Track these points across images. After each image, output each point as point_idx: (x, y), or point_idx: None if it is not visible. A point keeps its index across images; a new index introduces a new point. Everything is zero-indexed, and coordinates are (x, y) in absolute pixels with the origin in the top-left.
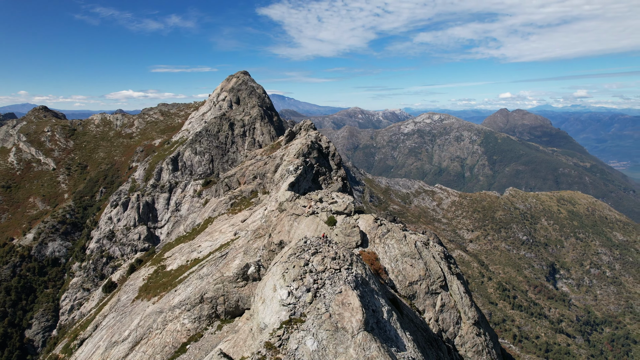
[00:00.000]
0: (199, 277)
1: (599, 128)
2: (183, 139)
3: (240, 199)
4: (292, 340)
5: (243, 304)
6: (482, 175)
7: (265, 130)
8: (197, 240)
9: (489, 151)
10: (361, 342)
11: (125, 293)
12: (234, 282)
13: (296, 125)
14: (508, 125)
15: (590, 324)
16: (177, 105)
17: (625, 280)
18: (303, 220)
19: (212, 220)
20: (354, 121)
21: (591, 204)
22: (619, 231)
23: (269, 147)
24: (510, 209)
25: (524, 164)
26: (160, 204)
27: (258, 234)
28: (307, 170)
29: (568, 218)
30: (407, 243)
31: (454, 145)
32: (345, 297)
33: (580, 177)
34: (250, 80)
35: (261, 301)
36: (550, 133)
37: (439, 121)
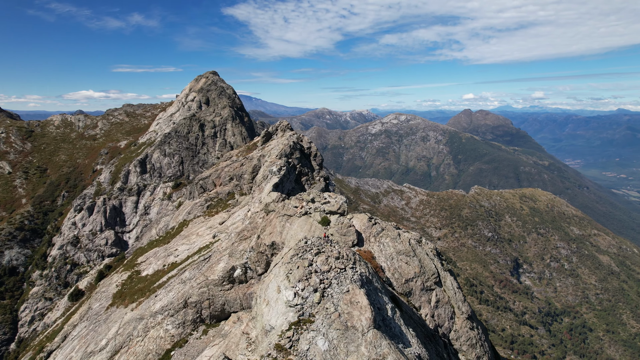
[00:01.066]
0: (181, 282)
1: (555, 128)
2: (151, 141)
3: (217, 201)
4: (302, 341)
5: (229, 307)
6: (447, 174)
7: (236, 131)
8: (173, 244)
9: (453, 151)
10: (372, 340)
11: (97, 301)
12: (219, 285)
13: (272, 126)
14: (472, 126)
15: (551, 315)
16: (143, 106)
17: (582, 272)
18: (295, 221)
19: (188, 223)
20: (322, 122)
21: (550, 201)
22: (575, 226)
23: (245, 148)
24: (475, 207)
25: (487, 163)
26: (128, 208)
27: (243, 235)
28: (290, 171)
29: (530, 214)
30: (401, 241)
31: (420, 145)
32: (353, 295)
33: (539, 175)
34: (219, 80)
35: (265, 303)
36: (511, 133)
37: (405, 122)
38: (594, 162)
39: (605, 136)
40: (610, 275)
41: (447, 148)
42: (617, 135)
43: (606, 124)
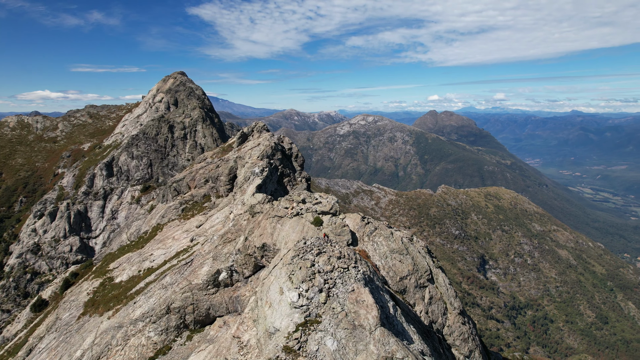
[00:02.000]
0: (162, 287)
1: (516, 128)
2: (117, 143)
3: (192, 204)
4: (311, 342)
5: (214, 311)
6: (414, 174)
7: (207, 133)
8: (147, 249)
9: (420, 151)
10: (380, 338)
11: (65, 310)
12: (204, 289)
13: (247, 127)
14: (437, 126)
15: (515, 309)
16: (108, 107)
17: (543, 267)
18: (287, 222)
19: (162, 227)
20: (290, 123)
21: (513, 199)
22: (536, 222)
23: (220, 150)
24: (443, 206)
25: (453, 163)
26: (94, 213)
27: (227, 238)
28: (273, 172)
29: (494, 212)
30: (394, 240)
31: (388, 146)
32: (359, 294)
33: (502, 174)
34: (188, 81)
35: (267, 305)
36: (474, 133)
37: (373, 123)
38: (552, 161)
39: (561, 136)
40: (568, 269)
41: (413, 148)
42: (572, 135)
43: (562, 125)
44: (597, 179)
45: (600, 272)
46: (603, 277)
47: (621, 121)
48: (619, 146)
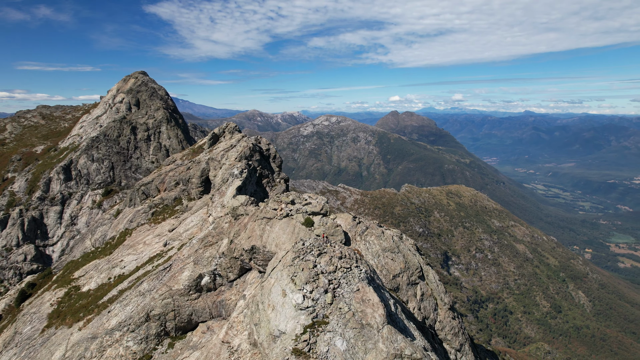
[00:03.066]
0: (139, 294)
1: (473, 128)
2: (75, 145)
3: (162, 207)
4: (320, 343)
5: (197, 317)
6: (378, 173)
7: (172, 134)
8: (117, 255)
9: (383, 151)
10: (388, 336)
11: (26, 324)
12: (185, 295)
13: (219, 128)
14: (399, 127)
15: (477, 302)
16: (62, 107)
17: (502, 261)
18: (276, 224)
19: (131, 232)
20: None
21: (473, 196)
22: (495, 218)
23: (190, 151)
24: (407, 204)
25: (414, 162)
26: (51, 219)
27: (208, 242)
28: (251, 173)
29: (456, 209)
30: (385, 238)
31: (351, 146)
32: (364, 294)
33: (462, 172)
34: (150, 81)
35: (270, 308)
36: (435, 133)
37: (336, 123)
38: (507, 159)
39: (515, 135)
40: (525, 262)
41: (376, 148)
42: (525, 134)
43: (516, 125)
44: (548, 176)
45: (553, 264)
46: (556, 268)
47: (568, 121)
48: (567, 145)
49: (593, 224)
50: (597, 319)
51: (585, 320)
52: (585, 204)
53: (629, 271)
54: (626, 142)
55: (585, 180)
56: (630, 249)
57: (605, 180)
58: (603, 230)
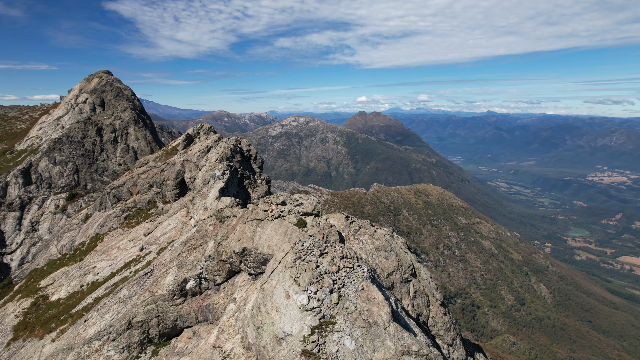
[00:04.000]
0: (119, 301)
1: (439, 128)
2: (35, 148)
3: (136, 211)
4: (329, 343)
5: (182, 322)
6: (347, 173)
7: (140, 136)
8: (89, 261)
9: (351, 151)
10: (395, 333)
11: None
12: (170, 300)
13: (193, 129)
14: (366, 127)
15: (446, 298)
16: (18, 107)
17: (469, 257)
18: (268, 225)
19: (103, 237)
20: (220, 125)
21: (441, 194)
22: (462, 216)
23: (163, 153)
24: (376, 203)
25: (382, 162)
26: (9, 225)
27: (191, 245)
28: (233, 174)
29: (424, 208)
30: (378, 237)
31: (320, 147)
32: (369, 292)
33: (428, 172)
34: (116, 80)
35: (274, 311)
36: (402, 133)
37: (304, 124)
38: (471, 158)
39: (478, 135)
40: (491, 258)
41: (345, 149)
42: (488, 134)
43: (479, 124)
44: (510, 174)
45: (517, 259)
46: (520, 263)
47: (528, 121)
48: (526, 144)
49: (552, 220)
50: (557, 310)
51: (547, 312)
52: (545, 200)
53: (584, 263)
54: (580, 141)
55: (544, 177)
56: (585, 242)
57: (562, 177)
58: (561, 225)
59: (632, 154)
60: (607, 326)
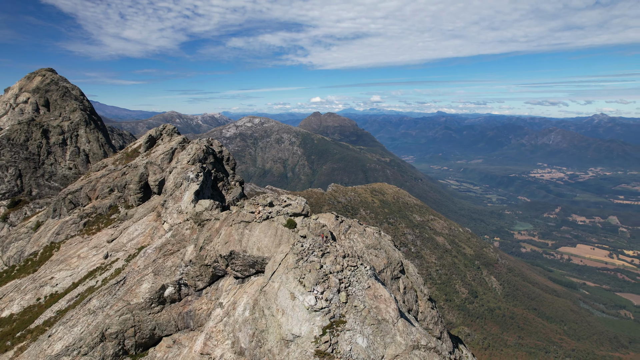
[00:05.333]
0: (88, 313)
1: (391, 128)
2: None
3: (96, 217)
4: (342, 342)
5: (161, 331)
6: (303, 174)
7: (92, 138)
8: (45, 272)
9: (307, 152)
10: (403, 329)
11: None
12: (147, 308)
13: (155, 130)
14: (321, 127)
15: None
16: None
17: (425, 254)
18: (256, 227)
19: (59, 245)
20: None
21: (396, 193)
22: (417, 213)
23: (123, 155)
24: (334, 203)
25: (338, 162)
26: None
27: (167, 250)
28: (207, 176)
29: (380, 206)
30: (367, 235)
31: (276, 148)
32: (375, 290)
33: (383, 171)
34: (61, 79)
35: (280, 313)
36: (356, 133)
37: (259, 124)
38: (423, 157)
39: (429, 135)
40: (445, 253)
41: (301, 149)
42: (438, 134)
43: (430, 125)
44: (460, 172)
45: (469, 254)
46: (472, 257)
47: (475, 121)
48: (474, 143)
49: (499, 215)
50: (507, 300)
51: (498, 302)
52: (492, 196)
53: (529, 255)
54: (522, 140)
55: (491, 175)
56: (530, 235)
57: (507, 174)
58: (507, 220)
59: (567, 152)
60: (550, 312)
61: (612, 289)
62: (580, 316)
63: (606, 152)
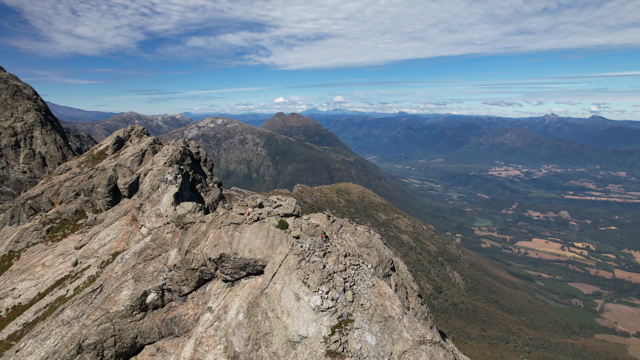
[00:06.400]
0: (62, 324)
1: (355, 128)
2: None
3: (61, 223)
4: (351, 341)
5: (143, 339)
6: (267, 175)
7: (49, 140)
8: (3, 283)
9: (271, 152)
10: (409, 325)
11: None
12: (128, 316)
13: (123, 131)
14: (285, 128)
15: None
16: None
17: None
18: (247, 229)
19: (19, 254)
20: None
21: (361, 192)
22: (381, 212)
23: (89, 157)
24: (300, 204)
25: (303, 162)
26: None
27: (147, 255)
28: (185, 178)
29: (346, 206)
30: (359, 234)
31: (239, 149)
32: (380, 288)
33: (347, 171)
34: (11, 77)
35: (285, 315)
36: (320, 134)
37: (222, 125)
38: (386, 156)
39: (392, 135)
40: (410, 250)
41: (265, 150)
42: (400, 134)
43: (392, 125)
44: (422, 171)
45: (433, 250)
46: (435, 254)
47: (435, 121)
48: (434, 142)
49: (460, 212)
50: (470, 294)
51: (461, 297)
52: (453, 194)
53: (489, 250)
54: (480, 139)
55: (451, 173)
56: (489, 231)
57: (467, 172)
58: (468, 217)
59: (522, 150)
60: (510, 304)
61: (564, 279)
62: (537, 307)
63: (557, 151)
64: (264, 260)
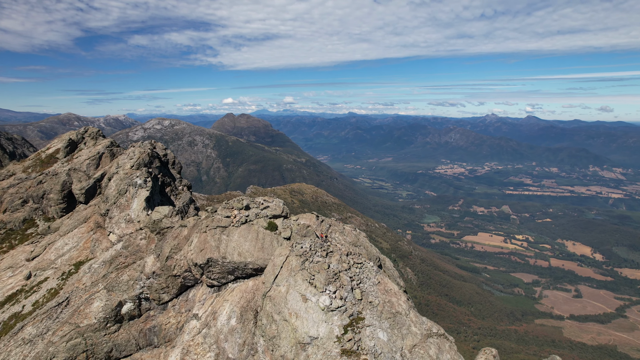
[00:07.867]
0: (23, 342)
1: (305, 129)
2: None
3: (6, 233)
4: (364, 339)
5: (119, 352)
6: (218, 177)
7: None
8: None
9: (222, 154)
10: (415, 319)
11: None
12: (101, 329)
13: (75, 133)
14: (235, 129)
15: None
16: None
17: None
18: (234, 232)
19: None
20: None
21: (314, 192)
22: (335, 211)
23: (36, 162)
24: None
25: (254, 163)
26: None
27: (120, 263)
28: (154, 181)
29: (300, 207)
30: (347, 233)
31: (188, 151)
32: (385, 285)
33: (299, 171)
34: None
35: (294, 317)
36: (271, 134)
37: (170, 127)
38: (337, 157)
39: (342, 135)
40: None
41: (215, 152)
42: (350, 134)
43: (342, 125)
44: (372, 170)
45: (386, 247)
46: (388, 251)
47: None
48: (383, 142)
49: (410, 209)
50: (422, 289)
51: (414, 292)
52: (402, 192)
53: (438, 245)
54: (427, 139)
55: (400, 172)
56: (438, 227)
57: (415, 171)
58: (417, 214)
59: (466, 149)
60: (460, 297)
61: (507, 270)
62: (484, 297)
63: (497, 149)
64: (255, 263)
